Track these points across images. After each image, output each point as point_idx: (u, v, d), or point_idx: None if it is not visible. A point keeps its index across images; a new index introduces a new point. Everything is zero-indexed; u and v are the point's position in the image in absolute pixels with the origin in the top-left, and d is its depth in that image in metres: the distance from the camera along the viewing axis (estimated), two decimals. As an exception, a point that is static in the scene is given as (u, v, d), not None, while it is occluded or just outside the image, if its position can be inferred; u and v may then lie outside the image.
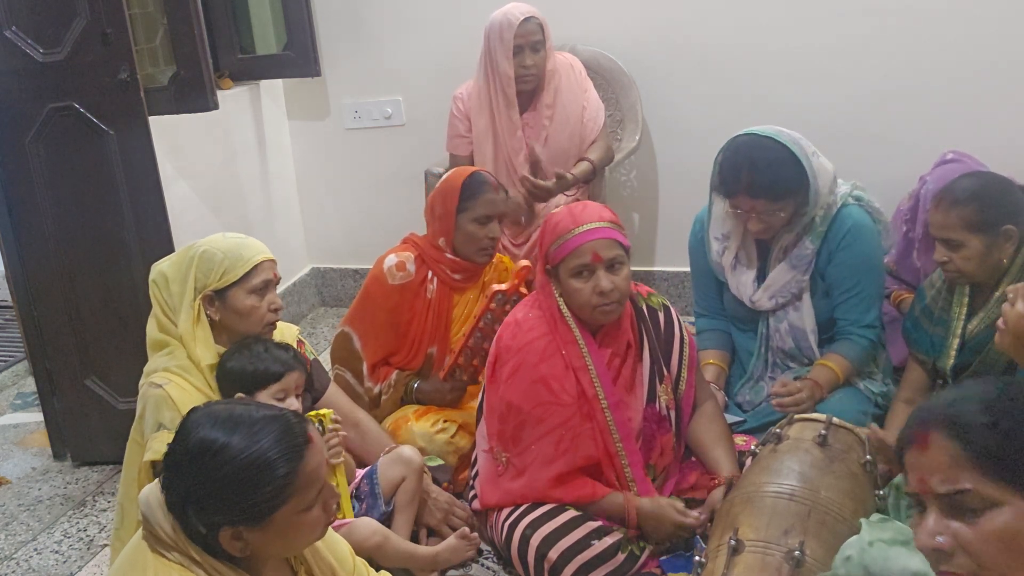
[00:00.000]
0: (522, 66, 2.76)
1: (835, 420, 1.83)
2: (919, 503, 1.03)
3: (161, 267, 1.94)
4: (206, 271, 1.89)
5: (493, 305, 2.26)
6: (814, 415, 1.88)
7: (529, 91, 2.83)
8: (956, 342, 2.04)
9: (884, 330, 2.35)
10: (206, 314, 1.91)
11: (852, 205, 2.24)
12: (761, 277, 2.33)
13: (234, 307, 1.90)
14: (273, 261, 1.95)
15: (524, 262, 2.33)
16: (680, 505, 1.94)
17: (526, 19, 2.72)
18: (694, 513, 1.91)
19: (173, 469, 1.24)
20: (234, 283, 1.88)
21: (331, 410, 1.95)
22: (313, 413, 1.91)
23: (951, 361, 2.05)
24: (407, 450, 2.10)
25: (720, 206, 2.32)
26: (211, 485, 1.20)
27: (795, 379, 2.26)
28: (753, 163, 2.14)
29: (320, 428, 1.84)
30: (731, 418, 2.28)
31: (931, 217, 2.04)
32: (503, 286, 2.28)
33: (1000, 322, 1.53)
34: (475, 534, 2.05)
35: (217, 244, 1.92)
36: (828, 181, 2.20)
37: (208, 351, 1.89)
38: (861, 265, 2.23)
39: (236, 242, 1.93)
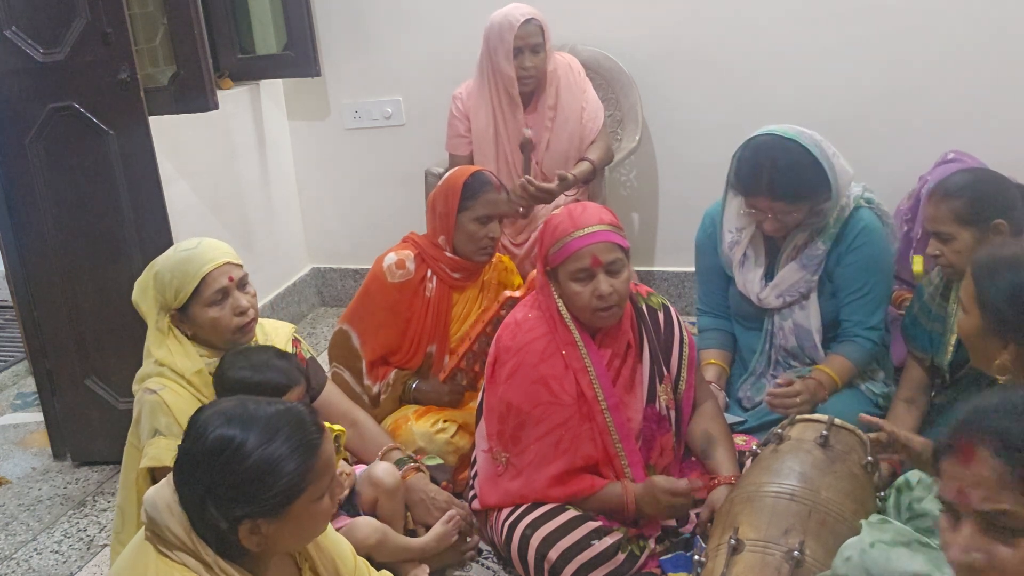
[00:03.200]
0: (522, 68, 2.75)
1: (837, 421, 1.83)
2: (952, 511, 1.01)
3: (135, 287, 1.93)
4: (162, 291, 1.87)
5: (503, 311, 2.24)
6: (816, 416, 1.88)
7: (528, 92, 2.83)
8: (953, 338, 2.04)
9: (888, 332, 2.35)
10: (181, 330, 1.90)
11: (864, 208, 2.25)
12: (769, 275, 2.33)
13: (198, 322, 1.88)
14: (228, 264, 1.88)
15: None
16: (670, 477, 1.93)
17: (526, 21, 2.72)
18: (683, 480, 1.90)
19: (190, 467, 1.26)
20: (190, 299, 1.86)
21: (343, 429, 1.88)
22: (327, 425, 1.85)
23: (948, 357, 2.06)
24: (379, 470, 2.02)
25: (735, 202, 2.31)
26: (232, 481, 1.22)
27: (797, 378, 2.26)
28: (775, 165, 2.12)
29: (336, 444, 1.82)
30: (731, 418, 2.28)
31: (924, 210, 2.07)
32: (516, 293, 2.27)
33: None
34: (459, 515, 2.05)
35: (166, 263, 1.88)
36: (847, 184, 2.20)
37: (189, 360, 1.88)
38: (870, 267, 2.24)
39: (183, 256, 1.88)
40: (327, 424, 1.79)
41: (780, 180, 2.12)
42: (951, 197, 2.00)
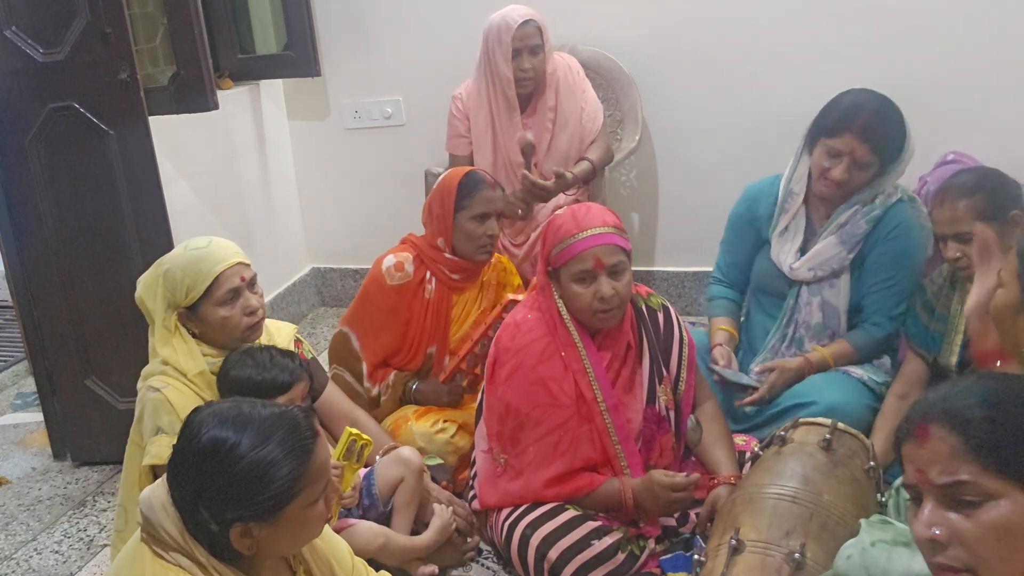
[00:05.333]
0: (520, 69, 2.75)
1: (840, 425, 1.83)
2: (916, 496, 1.04)
3: (138, 284, 1.94)
4: (172, 290, 1.87)
5: (505, 314, 2.24)
6: (819, 419, 1.88)
7: (527, 94, 2.82)
8: (959, 338, 2.04)
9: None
10: (187, 329, 1.91)
11: (907, 203, 2.26)
12: (803, 252, 2.32)
13: (208, 321, 1.89)
14: (240, 264, 1.90)
15: None
16: (668, 472, 1.92)
17: (524, 22, 2.71)
18: (682, 474, 1.90)
19: (183, 468, 1.25)
20: (201, 298, 1.87)
21: (371, 439, 1.87)
22: (356, 433, 1.83)
23: (955, 358, 2.05)
24: (406, 451, 2.09)
25: (805, 167, 2.30)
26: (224, 483, 1.21)
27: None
28: (875, 108, 2.17)
29: (359, 451, 1.82)
30: (746, 379, 2.28)
31: (937, 215, 2.05)
32: (519, 296, 2.27)
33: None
34: (460, 514, 2.07)
35: (177, 261, 1.89)
36: (904, 168, 2.22)
37: (193, 360, 1.88)
38: (901, 260, 2.24)
39: (195, 255, 1.88)
40: (358, 432, 1.81)
41: (878, 122, 2.15)
42: (967, 195, 1.99)
